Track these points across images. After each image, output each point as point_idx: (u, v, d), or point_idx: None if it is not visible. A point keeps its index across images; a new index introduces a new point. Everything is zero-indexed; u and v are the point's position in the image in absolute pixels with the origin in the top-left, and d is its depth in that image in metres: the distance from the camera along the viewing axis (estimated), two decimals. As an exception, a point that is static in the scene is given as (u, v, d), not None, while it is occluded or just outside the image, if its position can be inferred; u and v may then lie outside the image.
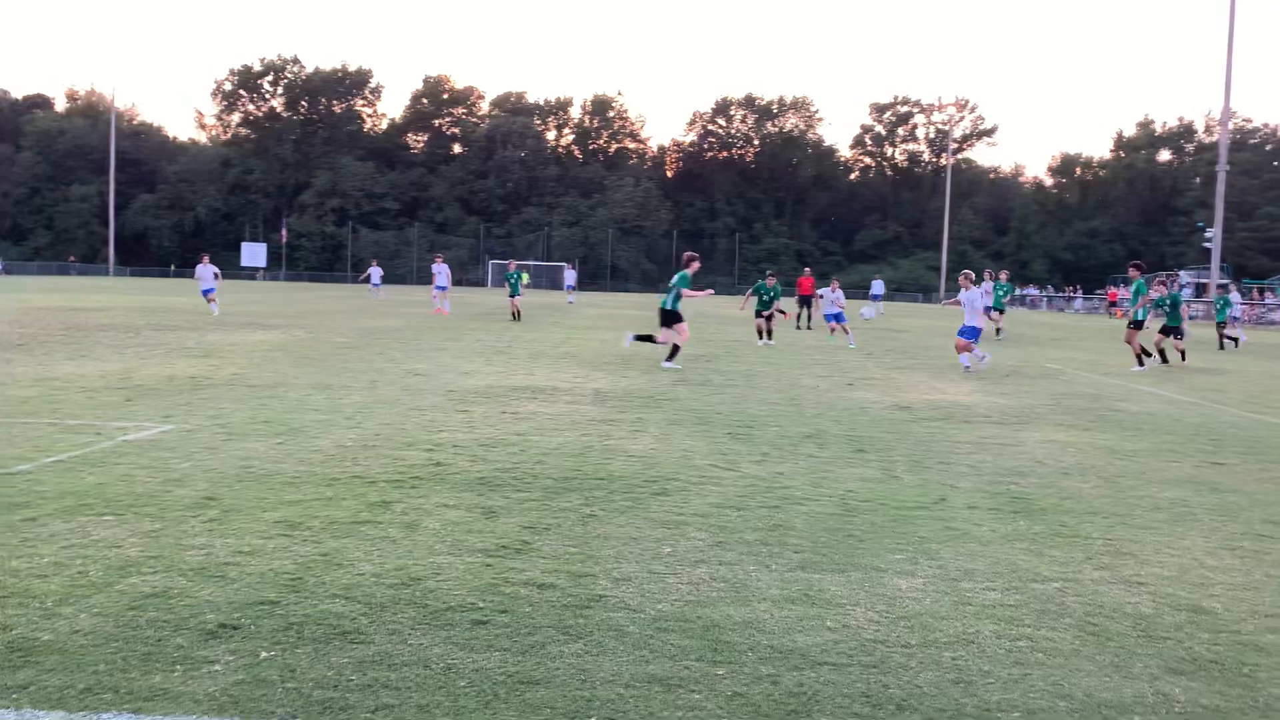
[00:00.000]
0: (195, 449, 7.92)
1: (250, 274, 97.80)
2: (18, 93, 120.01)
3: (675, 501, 6.61)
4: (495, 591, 4.65)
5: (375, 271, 49.85)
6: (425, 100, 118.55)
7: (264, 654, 3.83)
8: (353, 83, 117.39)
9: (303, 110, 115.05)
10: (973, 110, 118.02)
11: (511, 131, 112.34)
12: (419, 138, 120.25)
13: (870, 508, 6.65)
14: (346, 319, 28.76)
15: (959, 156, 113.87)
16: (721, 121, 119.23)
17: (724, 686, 3.69)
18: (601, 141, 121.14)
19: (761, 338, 23.52)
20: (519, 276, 31.22)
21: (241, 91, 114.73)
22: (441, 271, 34.72)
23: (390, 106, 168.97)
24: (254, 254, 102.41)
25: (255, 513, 5.96)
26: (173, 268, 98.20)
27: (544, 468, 7.60)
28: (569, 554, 5.31)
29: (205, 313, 28.31)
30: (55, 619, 4.09)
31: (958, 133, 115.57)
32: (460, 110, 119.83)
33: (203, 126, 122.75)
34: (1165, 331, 20.51)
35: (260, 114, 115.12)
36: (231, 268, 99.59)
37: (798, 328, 31.06)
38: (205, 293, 29.36)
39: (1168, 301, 21.02)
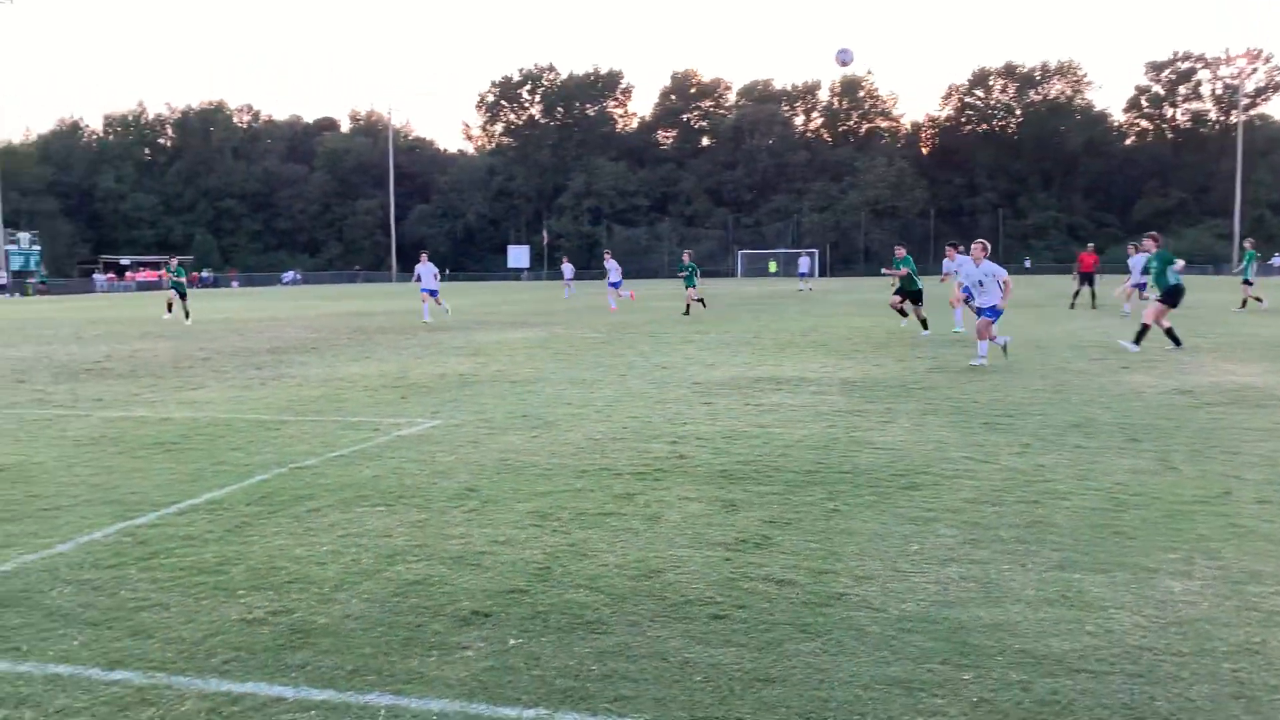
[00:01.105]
0: (460, 443, 8.42)
1: (515, 275, 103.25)
2: (309, 117, 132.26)
3: (925, 496, 6.36)
4: (734, 586, 4.64)
5: (568, 269, 50.67)
6: (674, 96, 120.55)
7: (512, 641, 4.00)
8: (604, 85, 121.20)
9: (559, 116, 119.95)
10: (1267, 61, 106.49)
11: (759, 120, 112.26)
12: (668, 134, 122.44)
13: (1142, 502, 6.12)
14: (598, 315, 29.73)
15: (1252, 113, 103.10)
16: (979, 93, 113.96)
17: (969, 692, 3.51)
18: (851, 123, 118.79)
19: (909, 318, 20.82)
20: (695, 269, 29.97)
21: (503, 102, 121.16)
22: (614, 268, 35.46)
23: (640, 105, 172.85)
24: (518, 256, 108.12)
25: (510, 503, 6.25)
26: (446, 272, 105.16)
27: (787, 460, 7.52)
28: (810, 550, 5.22)
29: (456, 313, 30.04)
30: (331, 604, 4.46)
31: (1250, 86, 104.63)
32: (708, 103, 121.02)
33: (469, 137, 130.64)
34: None
35: (520, 122, 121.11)
36: (499, 269, 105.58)
37: (1071, 307, 29.15)
38: (430, 293, 27.09)
39: None
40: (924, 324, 19.89)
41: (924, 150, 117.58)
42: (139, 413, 10.57)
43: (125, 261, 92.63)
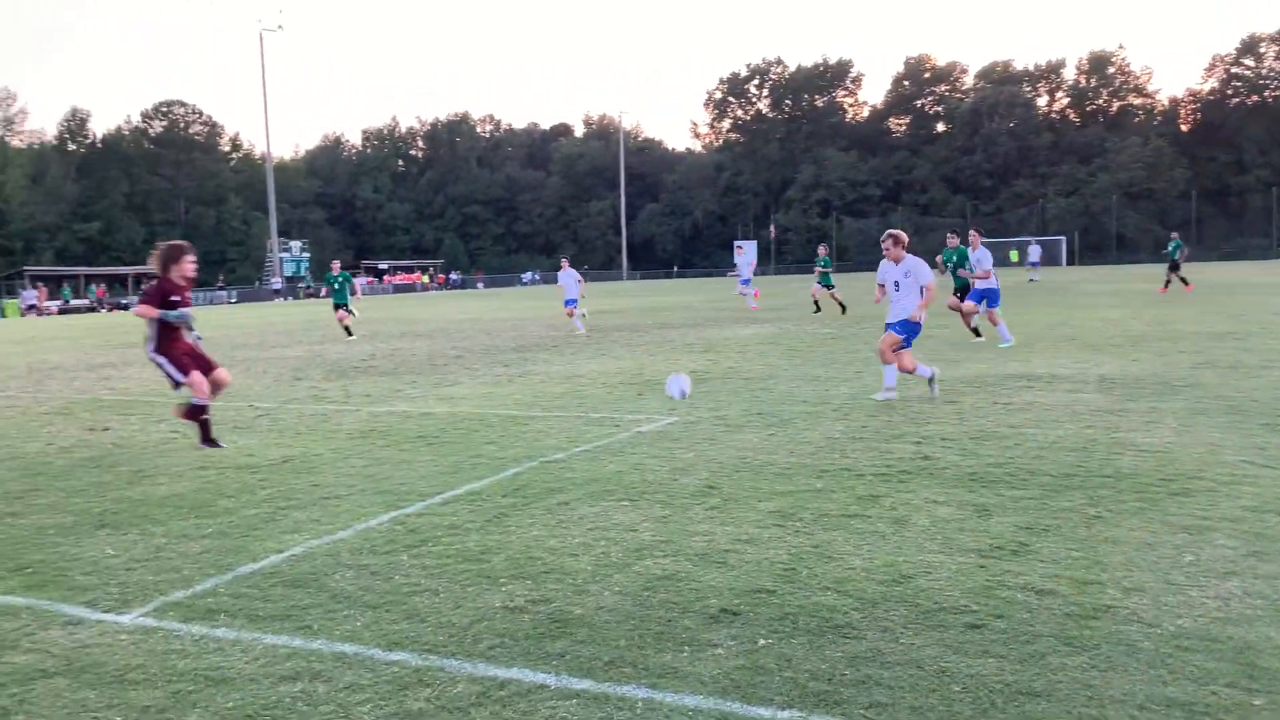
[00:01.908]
0: (697, 440, 8.53)
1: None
2: (546, 124, 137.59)
3: (1199, 503, 5.89)
4: (990, 595, 4.47)
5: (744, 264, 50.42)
6: (906, 83, 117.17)
7: (762, 641, 4.01)
8: (834, 75, 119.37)
9: (787, 109, 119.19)
10: None
11: (998, 102, 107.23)
12: (900, 121, 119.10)
13: None
14: (826, 309, 29.27)
15: None
16: (1249, 62, 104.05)
17: (1261, 719, 3.22)
18: (1101, 101, 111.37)
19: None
20: (828, 263, 27.63)
21: (730, 98, 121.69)
22: (746, 264, 34.42)
23: (870, 93, 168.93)
24: (746, 250, 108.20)
25: (751, 502, 6.27)
26: (675, 269, 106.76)
27: (1042, 463, 7.15)
28: (1071, 558, 4.94)
29: (690, 310, 30.28)
30: (585, 595, 4.63)
31: None
32: (943, 87, 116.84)
33: (697, 135, 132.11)
34: None
35: (748, 117, 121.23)
36: (727, 266, 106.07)
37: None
38: (568, 304, 24.50)
39: None
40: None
41: (1183, 127, 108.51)
42: (402, 408, 11.34)
43: (383, 266, 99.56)
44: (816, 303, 27.87)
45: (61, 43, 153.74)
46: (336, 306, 25.16)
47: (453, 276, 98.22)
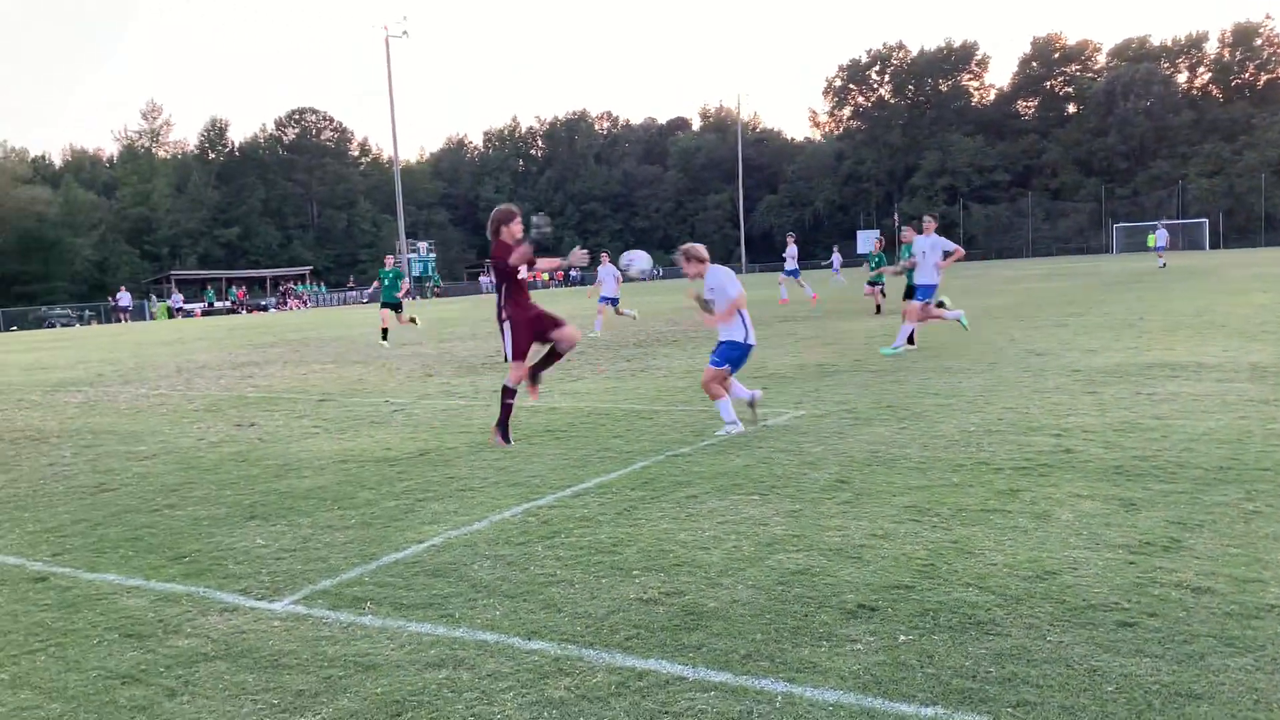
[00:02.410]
0: (826, 433, 8.43)
1: (860, 261, 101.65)
2: (663, 118, 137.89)
3: (1370, 498, 5.53)
4: (1141, 592, 4.28)
5: (836, 259, 50.26)
6: (1035, 63, 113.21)
7: (902, 637, 3.94)
8: (958, 58, 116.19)
9: (909, 94, 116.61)
10: None
11: (1134, 81, 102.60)
12: (1029, 103, 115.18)
13: None
14: (959, 298, 28.51)
15: None
16: None
17: None
18: (1247, 75, 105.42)
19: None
20: (882, 260, 25.50)
21: (851, 85, 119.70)
22: (793, 254, 33.16)
23: (997, 76, 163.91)
24: (867, 241, 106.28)
25: (885, 497, 6.16)
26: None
27: (1191, 456, 6.82)
28: (1229, 555, 4.70)
29: (801, 302, 29.91)
30: (717, 588, 4.63)
31: None
32: (1074, 67, 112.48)
33: (816, 124, 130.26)
34: None
35: (869, 104, 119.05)
36: (848, 256, 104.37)
37: None
38: (610, 301, 23.83)
39: None
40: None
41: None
42: (528, 403, 11.52)
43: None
44: (877, 305, 24.88)
45: (201, 56, 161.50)
46: (384, 304, 22.80)
47: (572, 273, 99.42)
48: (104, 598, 5.07)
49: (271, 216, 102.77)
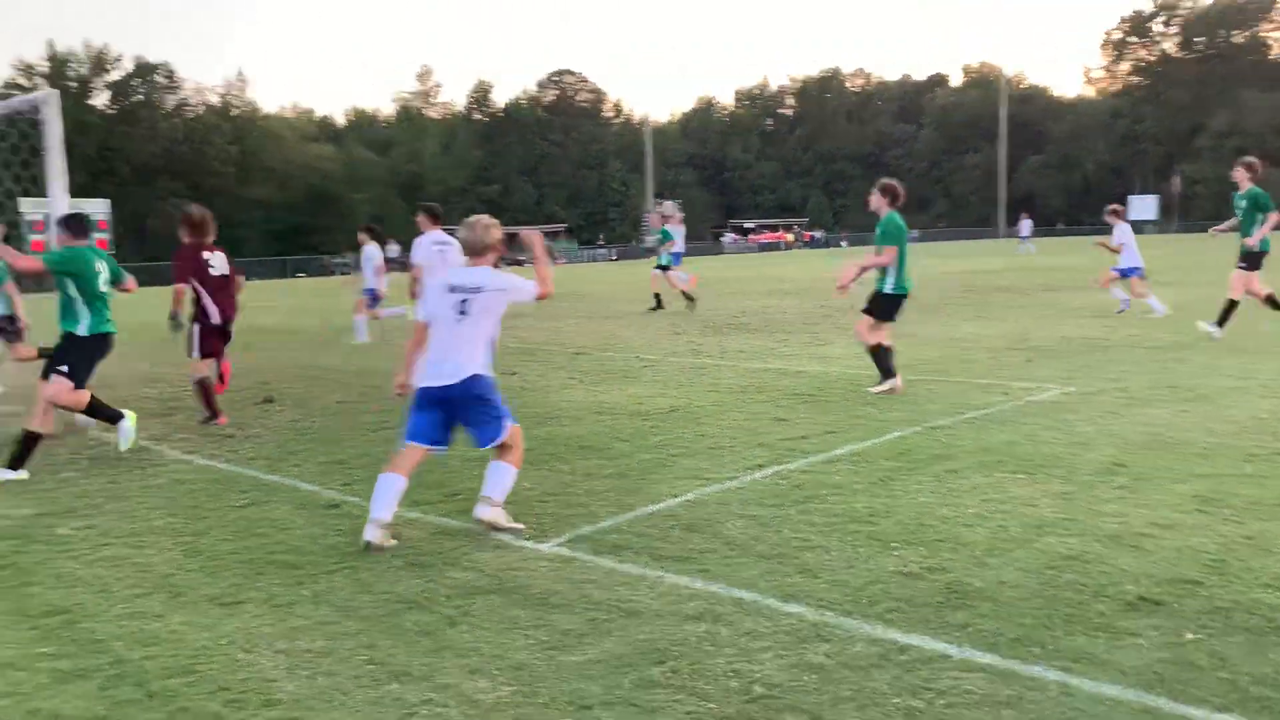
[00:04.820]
0: (1097, 412, 7.91)
1: (1137, 227, 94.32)
2: (920, 75, 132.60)
3: None
4: None
5: (1025, 224, 45.76)
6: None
7: (1189, 635, 3.67)
8: (1257, 8, 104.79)
9: (1199, 48, 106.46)
10: None
11: None
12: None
13: None
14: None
15: None
16: None
17: None
18: None
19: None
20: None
21: (1131, 39, 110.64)
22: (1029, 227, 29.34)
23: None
24: (1143, 207, 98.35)
25: (1165, 483, 5.73)
26: (1058, 226, 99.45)
27: None
28: None
29: (1077, 272, 27.94)
30: (983, 568, 4.46)
31: None
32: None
33: (1089, 81, 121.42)
34: None
35: (1151, 59, 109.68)
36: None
37: None
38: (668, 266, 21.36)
39: None
40: None
41: None
42: (776, 365, 11.50)
43: (749, 225, 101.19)
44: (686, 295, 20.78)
45: (469, 18, 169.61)
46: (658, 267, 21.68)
47: (816, 234, 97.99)
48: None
49: (528, 175, 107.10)
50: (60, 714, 3.41)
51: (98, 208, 39.10)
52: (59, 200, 9.00)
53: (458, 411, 5.39)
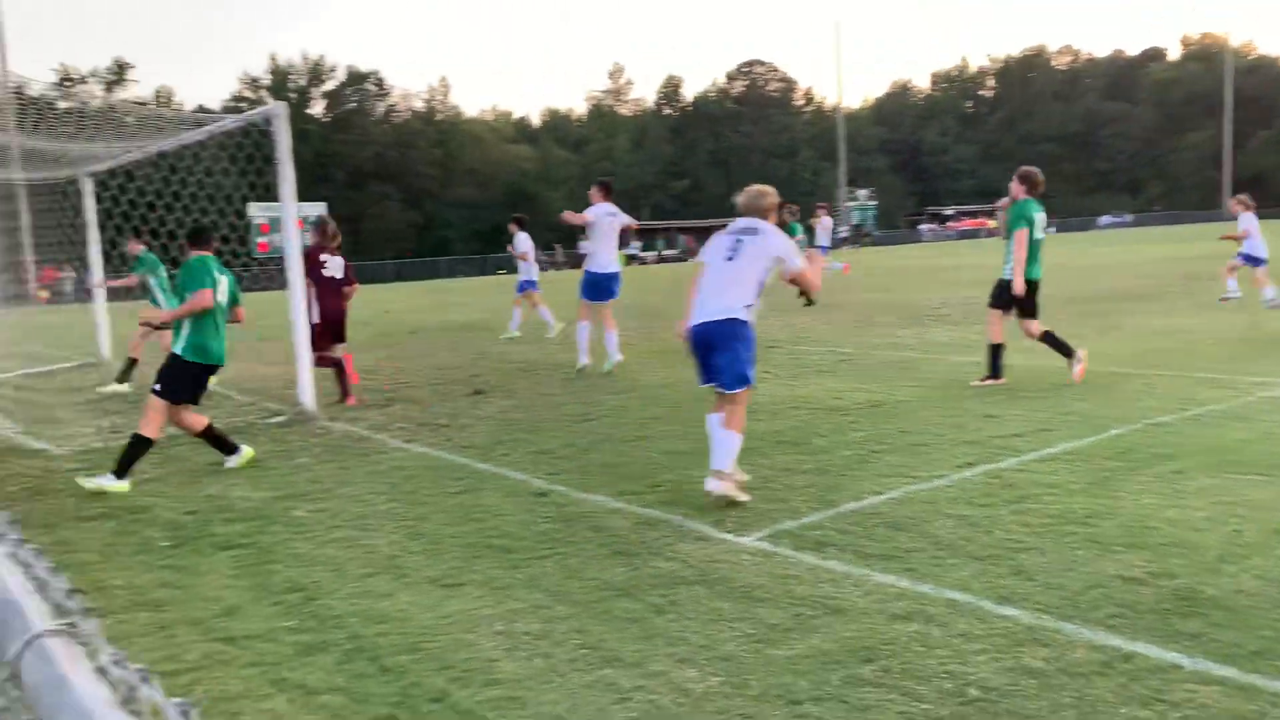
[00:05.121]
0: (1345, 410, 7.27)
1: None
2: (1133, 50, 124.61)
3: None
4: None
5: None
6: None
7: None
8: None
9: None
10: None
11: None
12: None
13: None
14: None
15: None
16: None
17: None
18: None
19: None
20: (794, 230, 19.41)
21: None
22: (826, 229, 25.31)
23: None
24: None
25: None
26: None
27: None
28: None
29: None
30: (1217, 574, 4.19)
31: None
32: None
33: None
34: None
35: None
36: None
37: None
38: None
39: None
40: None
41: None
42: (978, 358, 11.10)
43: (947, 211, 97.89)
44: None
45: (659, 16, 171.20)
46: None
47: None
48: (593, 515, 5.68)
49: (718, 167, 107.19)
50: (305, 684, 3.70)
51: (315, 211, 41.86)
52: (289, 204, 9.70)
53: (712, 349, 5.59)
